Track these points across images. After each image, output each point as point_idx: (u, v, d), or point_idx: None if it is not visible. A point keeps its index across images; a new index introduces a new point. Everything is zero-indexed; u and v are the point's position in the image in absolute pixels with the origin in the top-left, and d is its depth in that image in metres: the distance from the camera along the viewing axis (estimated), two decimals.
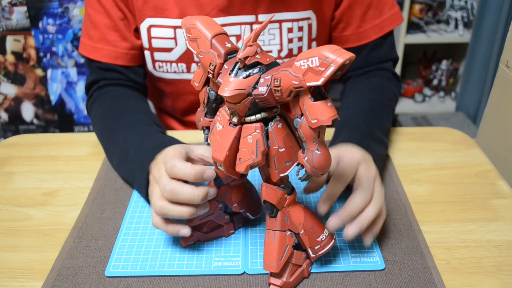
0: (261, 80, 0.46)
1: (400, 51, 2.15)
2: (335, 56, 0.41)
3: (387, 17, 0.83)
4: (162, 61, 0.83)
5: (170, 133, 0.84)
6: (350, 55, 0.41)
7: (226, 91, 0.45)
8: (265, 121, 0.48)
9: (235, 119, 0.49)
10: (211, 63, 0.49)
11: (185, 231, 0.56)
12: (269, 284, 0.53)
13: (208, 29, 0.50)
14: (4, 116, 1.94)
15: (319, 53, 0.42)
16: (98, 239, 0.61)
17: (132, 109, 0.77)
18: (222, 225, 0.60)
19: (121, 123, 0.73)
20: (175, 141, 0.65)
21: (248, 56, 0.46)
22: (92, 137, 0.83)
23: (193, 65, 0.83)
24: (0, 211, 0.67)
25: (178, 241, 0.60)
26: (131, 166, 0.67)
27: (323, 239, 0.54)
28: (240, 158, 0.49)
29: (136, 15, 0.80)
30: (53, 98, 1.90)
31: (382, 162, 0.71)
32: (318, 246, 0.54)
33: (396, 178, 0.71)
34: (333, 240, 0.55)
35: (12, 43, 1.81)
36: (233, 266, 0.56)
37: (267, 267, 0.52)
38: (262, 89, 0.45)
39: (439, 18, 2.27)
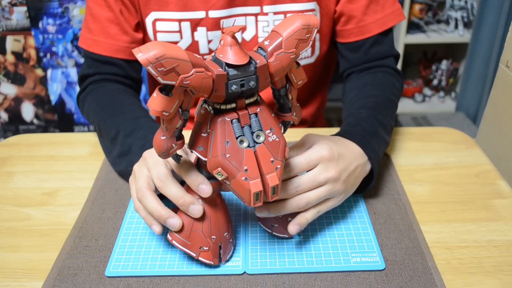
0: None
1: (400, 51, 2.15)
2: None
3: (389, 12, 0.83)
4: None
5: None
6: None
7: None
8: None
9: None
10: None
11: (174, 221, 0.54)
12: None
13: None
14: (4, 116, 1.94)
15: None
16: (98, 239, 0.61)
17: (130, 106, 0.76)
18: None
19: (118, 118, 0.72)
20: None
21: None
22: (92, 137, 0.83)
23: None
24: (0, 211, 0.67)
25: None
26: (126, 143, 0.67)
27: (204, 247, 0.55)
28: None
29: (141, 9, 0.80)
30: (53, 98, 1.91)
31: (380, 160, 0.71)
32: (202, 247, 0.55)
33: (396, 178, 0.71)
34: (213, 262, 0.55)
35: (12, 43, 1.81)
36: (233, 266, 0.56)
37: None
38: None
39: (439, 18, 2.27)
